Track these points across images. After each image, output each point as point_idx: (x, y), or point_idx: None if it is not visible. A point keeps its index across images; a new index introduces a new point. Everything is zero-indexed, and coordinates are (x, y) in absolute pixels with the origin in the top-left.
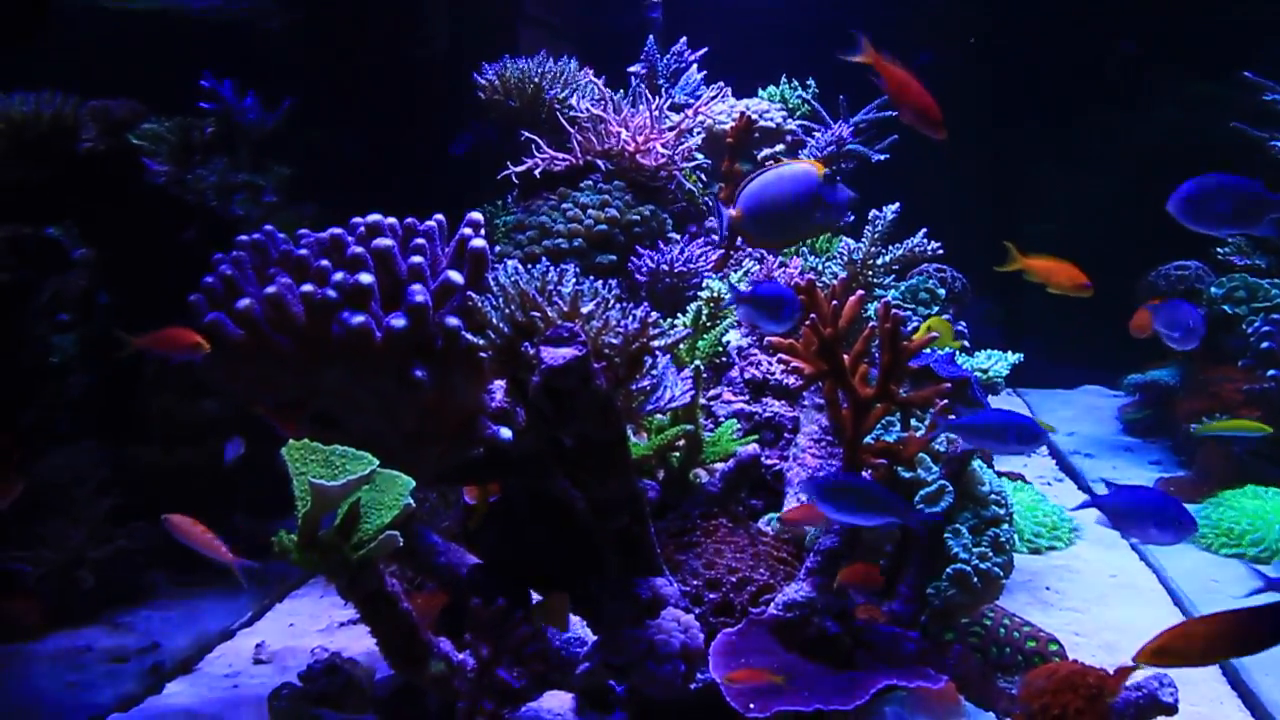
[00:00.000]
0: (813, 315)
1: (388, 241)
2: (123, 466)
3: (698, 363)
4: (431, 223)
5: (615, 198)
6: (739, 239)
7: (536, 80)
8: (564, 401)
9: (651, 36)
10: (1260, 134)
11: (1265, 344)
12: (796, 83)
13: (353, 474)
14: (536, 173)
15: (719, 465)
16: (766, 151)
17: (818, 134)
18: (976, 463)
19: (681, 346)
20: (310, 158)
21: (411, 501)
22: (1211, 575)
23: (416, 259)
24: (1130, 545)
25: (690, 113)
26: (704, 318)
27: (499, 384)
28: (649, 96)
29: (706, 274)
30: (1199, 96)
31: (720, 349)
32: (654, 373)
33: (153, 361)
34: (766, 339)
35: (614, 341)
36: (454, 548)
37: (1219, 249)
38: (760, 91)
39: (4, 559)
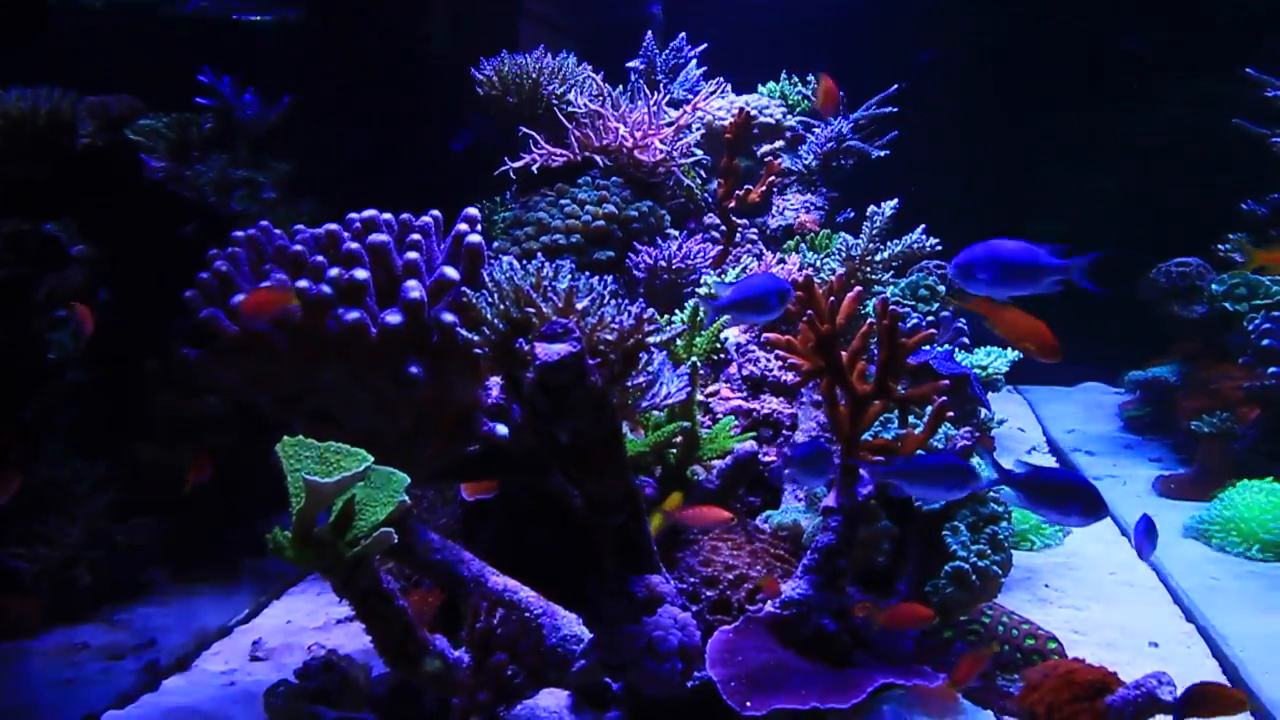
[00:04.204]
0: (810, 311)
1: (383, 237)
2: (122, 463)
3: (695, 359)
4: (427, 218)
5: (613, 194)
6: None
7: (535, 76)
8: (559, 398)
9: (650, 32)
10: (1262, 130)
11: (1266, 341)
12: (796, 78)
13: (347, 471)
14: (534, 169)
15: (717, 462)
16: (766, 148)
17: (817, 130)
18: (975, 459)
19: (679, 343)
20: (309, 153)
21: (407, 498)
22: (1211, 572)
23: (412, 255)
24: (1130, 543)
25: (689, 109)
26: (702, 314)
27: (495, 380)
28: (647, 92)
29: (705, 270)
30: (1203, 93)
31: (718, 345)
32: (650, 369)
33: (153, 358)
34: (764, 336)
35: (609, 338)
36: (450, 545)
37: (1219, 246)
38: (760, 87)
39: (1, 556)
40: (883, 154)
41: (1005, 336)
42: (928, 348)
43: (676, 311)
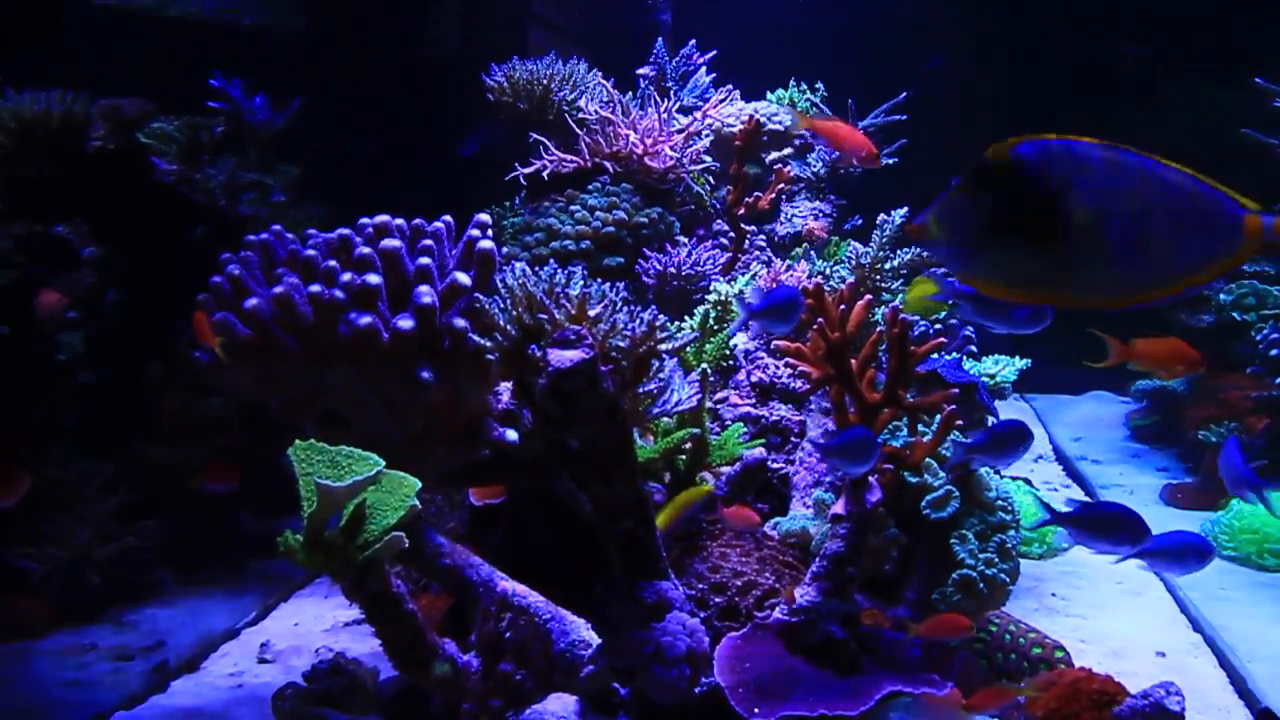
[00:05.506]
0: (820, 320)
1: (395, 242)
2: (128, 464)
3: (705, 366)
4: (439, 224)
5: (623, 200)
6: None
7: (545, 82)
8: (570, 404)
9: (660, 38)
10: (1270, 140)
11: (1275, 351)
12: (805, 86)
13: (359, 475)
14: (545, 175)
15: (725, 469)
16: (775, 155)
17: None
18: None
19: (689, 349)
20: (319, 158)
21: (417, 503)
22: (1218, 582)
23: (424, 260)
24: None
25: (699, 115)
26: (711, 321)
27: (506, 386)
28: (657, 99)
29: (714, 277)
30: (1210, 101)
31: (727, 352)
32: (661, 376)
33: (161, 359)
34: (774, 343)
35: (621, 344)
36: (459, 549)
37: None
38: (769, 94)
39: (10, 556)
40: (891, 161)
41: (1151, 369)
42: (936, 356)
43: (686, 318)
